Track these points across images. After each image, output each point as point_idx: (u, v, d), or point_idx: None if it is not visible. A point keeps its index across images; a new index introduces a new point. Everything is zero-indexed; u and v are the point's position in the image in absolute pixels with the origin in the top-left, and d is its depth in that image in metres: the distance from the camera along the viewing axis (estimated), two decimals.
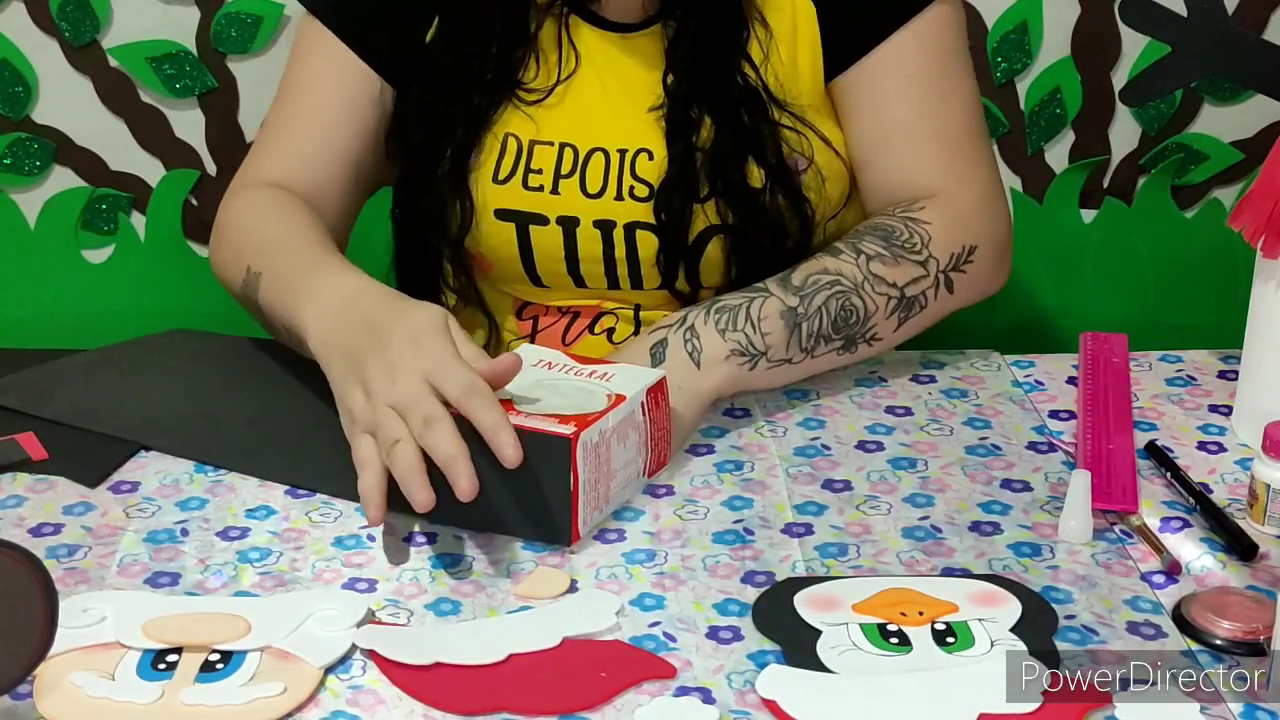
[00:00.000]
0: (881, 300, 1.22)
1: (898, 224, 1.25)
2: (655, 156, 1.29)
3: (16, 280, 1.83)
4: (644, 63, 1.30)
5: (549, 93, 1.30)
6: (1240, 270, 1.34)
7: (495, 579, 1.00)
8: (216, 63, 1.78)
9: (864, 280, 1.21)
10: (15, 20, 1.75)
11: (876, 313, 1.22)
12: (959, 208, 1.28)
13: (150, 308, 1.82)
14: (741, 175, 1.28)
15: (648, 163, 1.29)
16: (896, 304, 1.23)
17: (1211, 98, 1.82)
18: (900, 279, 1.23)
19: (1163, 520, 1.07)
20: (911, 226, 1.25)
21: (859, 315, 1.21)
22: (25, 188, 1.81)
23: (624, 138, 1.29)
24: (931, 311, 1.25)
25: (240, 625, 0.93)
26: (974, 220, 1.28)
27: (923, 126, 1.29)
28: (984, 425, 1.20)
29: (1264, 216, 1.12)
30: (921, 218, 1.25)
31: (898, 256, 1.23)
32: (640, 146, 1.29)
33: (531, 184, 1.30)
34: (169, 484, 1.11)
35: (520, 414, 1.03)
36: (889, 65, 1.28)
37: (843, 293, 1.20)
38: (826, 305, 1.20)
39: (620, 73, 1.30)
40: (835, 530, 1.06)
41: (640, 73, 1.30)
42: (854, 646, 0.93)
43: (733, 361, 1.18)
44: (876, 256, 1.22)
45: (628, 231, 1.30)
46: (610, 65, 1.31)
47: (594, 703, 0.88)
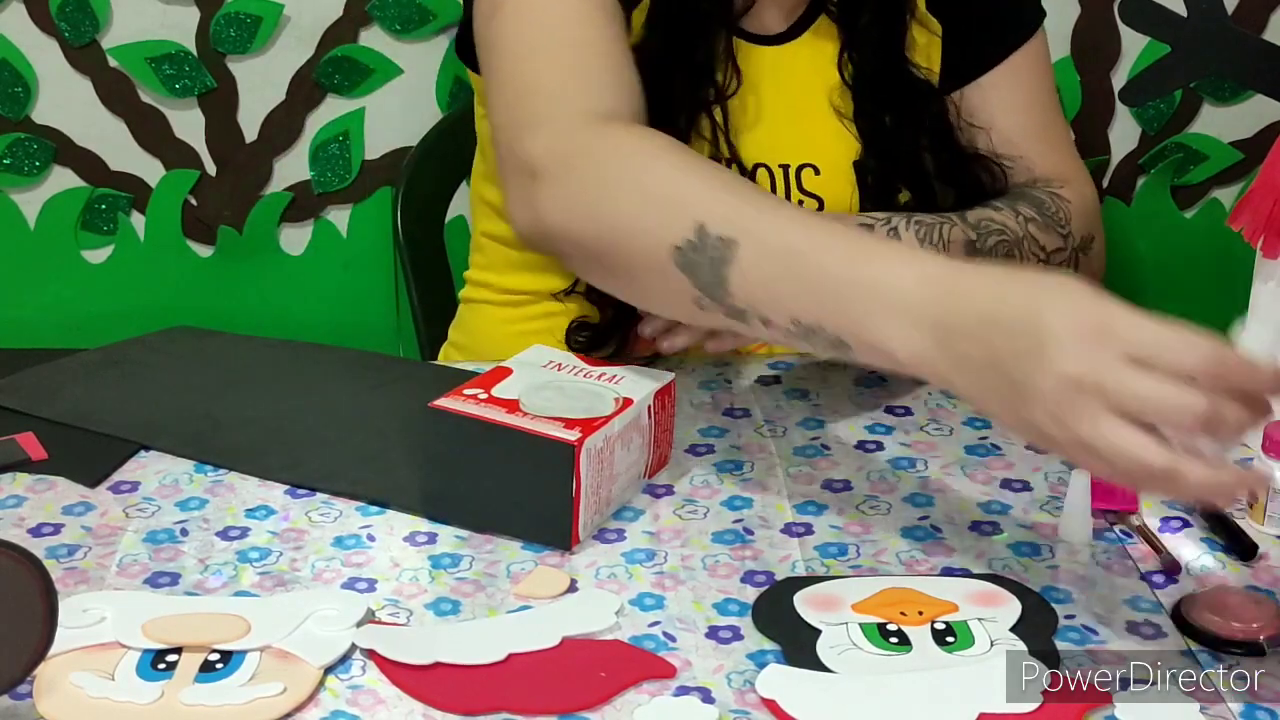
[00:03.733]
0: (1033, 260, 1.26)
1: (1045, 196, 1.30)
2: (822, 170, 1.30)
3: (16, 280, 1.84)
4: (801, 73, 1.31)
5: (711, 110, 1.27)
6: (1240, 270, 1.34)
7: (495, 579, 1.00)
8: (216, 63, 1.78)
9: (1023, 237, 1.26)
10: (15, 20, 1.75)
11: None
12: (1085, 197, 1.35)
13: (150, 308, 1.82)
14: (921, 165, 1.32)
15: (814, 177, 1.30)
16: (1042, 266, 1.26)
17: (1211, 98, 1.82)
18: (1049, 245, 1.28)
19: (1163, 520, 1.07)
20: (1057, 202, 1.30)
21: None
22: (25, 188, 1.81)
23: (787, 153, 1.30)
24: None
25: (240, 625, 0.93)
26: (1093, 214, 1.36)
27: (1041, 132, 1.37)
28: (984, 425, 1.20)
29: (1263, 216, 1.12)
30: (1064, 195, 1.32)
31: (1048, 225, 1.28)
32: (805, 161, 1.30)
33: None
34: (169, 484, 1.11)
35: (525, 415, 1.03)
36: (1009, 81, 1.36)
37: (1007, 242, 1.25)
38: (996, 248, 1.24)
39: (777, 86, 1.31)
40: (835, 530, 1.06)
41: (797, 83, 1.31)
42: (854, 646, 0.93)
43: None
44: (1032, 220, 1.27)
45: None
46: (767, 80, 1.31)
47: (594, 702, 0.88)
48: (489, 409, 1.03)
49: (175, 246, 1.85)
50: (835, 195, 1.31)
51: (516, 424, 1.01)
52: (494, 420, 1.02)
